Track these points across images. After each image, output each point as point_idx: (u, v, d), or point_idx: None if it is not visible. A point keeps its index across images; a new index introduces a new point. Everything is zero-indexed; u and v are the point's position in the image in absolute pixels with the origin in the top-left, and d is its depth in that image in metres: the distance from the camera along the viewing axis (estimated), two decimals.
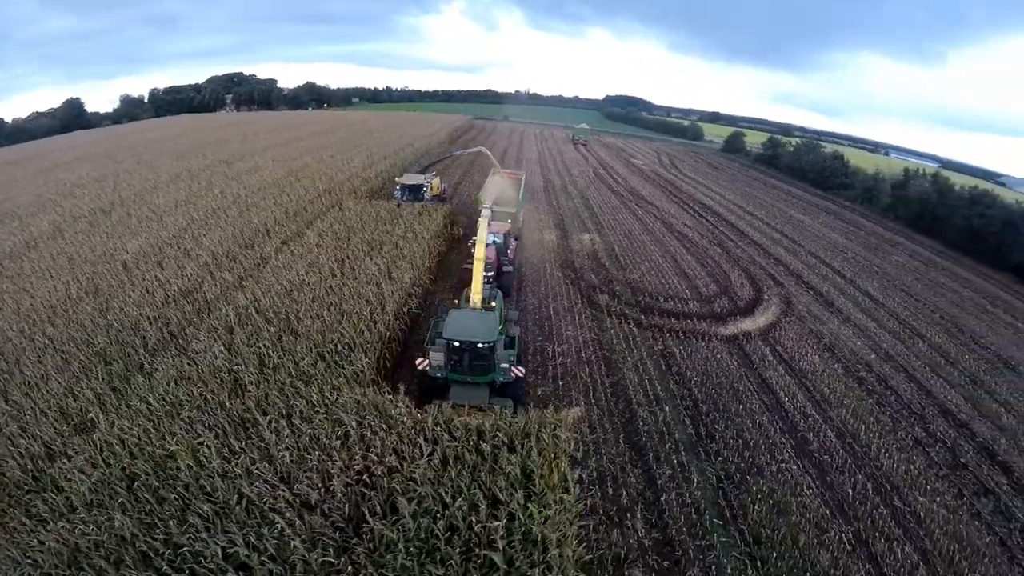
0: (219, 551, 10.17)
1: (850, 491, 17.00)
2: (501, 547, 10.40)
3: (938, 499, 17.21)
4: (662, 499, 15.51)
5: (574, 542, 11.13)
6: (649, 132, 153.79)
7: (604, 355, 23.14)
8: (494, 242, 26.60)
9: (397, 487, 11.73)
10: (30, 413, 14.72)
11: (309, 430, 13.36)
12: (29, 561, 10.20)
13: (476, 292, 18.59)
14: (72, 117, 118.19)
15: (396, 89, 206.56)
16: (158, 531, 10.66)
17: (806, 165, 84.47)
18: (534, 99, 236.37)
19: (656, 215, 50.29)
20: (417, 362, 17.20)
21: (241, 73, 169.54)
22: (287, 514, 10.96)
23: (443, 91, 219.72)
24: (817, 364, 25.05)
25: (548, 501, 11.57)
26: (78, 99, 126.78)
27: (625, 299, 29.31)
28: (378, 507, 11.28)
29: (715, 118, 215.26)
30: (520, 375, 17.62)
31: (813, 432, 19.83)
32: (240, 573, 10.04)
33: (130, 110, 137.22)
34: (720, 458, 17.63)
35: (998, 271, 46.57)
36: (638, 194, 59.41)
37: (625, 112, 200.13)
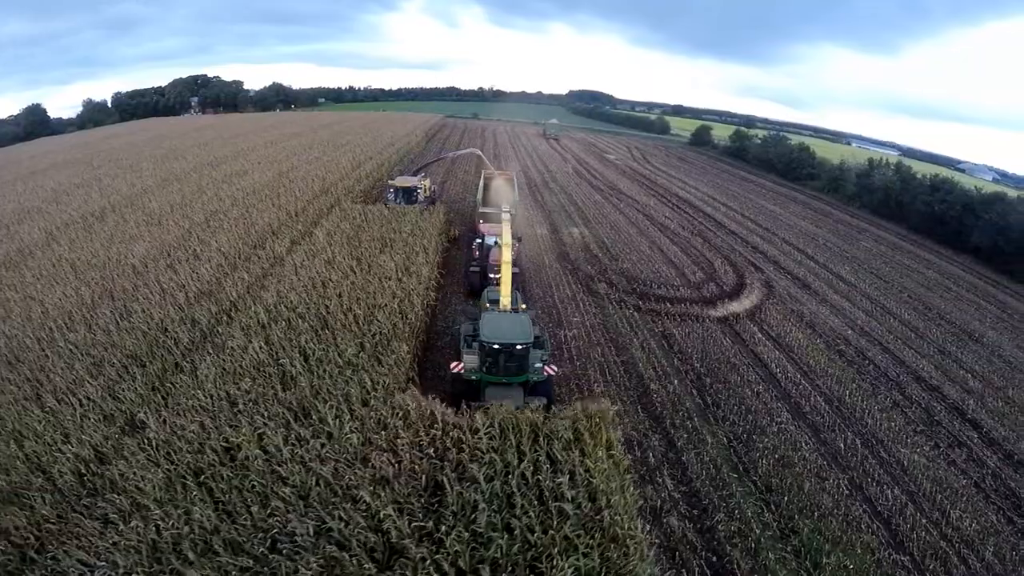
0: (310, 528, 11.20)
1: (842, 446, 19.51)
2: (569, 497, 12.27)
3: (918, 451, 19.85)
4: (683, 458, 17.71)
5: (630, 489, 13.15)
6: (616, 127, 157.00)
7: (611, 337, 25.29)
8: (498, 244, 26.90)
9: (465, 456, 13.40)
10: (70, 419, 14.80)
11: (372, 413, 14.78)
12: (104, 564, 10.50)
13: (506, 295, 19.44)
14: (35, 123, 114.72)
15: (359, 88, 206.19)
16: (243, 518, 11.48)
17: (773, 157, 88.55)
18: (498, 96, 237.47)
19: (637, 208, 52.87)
20: (452, 366, 17.89)
21: (205, 75, 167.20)
22: (368, 489, 12.18)
23: (407, 89, 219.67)
24: (801, 340, 27.70)
25: (600, 457, 13.56)
26: (39, 105, 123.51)
27: (621, 287, 31.55)
28: (452, 474, 12.77)
29: (679, 111, 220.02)
30: (553, 373, 18.45)
31: (804, 398, 22.35)
32: (336, 547, 10.87)
33: (94, 115, 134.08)
34: (727, 422, 19.94)
35: (959, 253, 50.77)
36: (617, 188, 62.00)
37: (591, 107, 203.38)
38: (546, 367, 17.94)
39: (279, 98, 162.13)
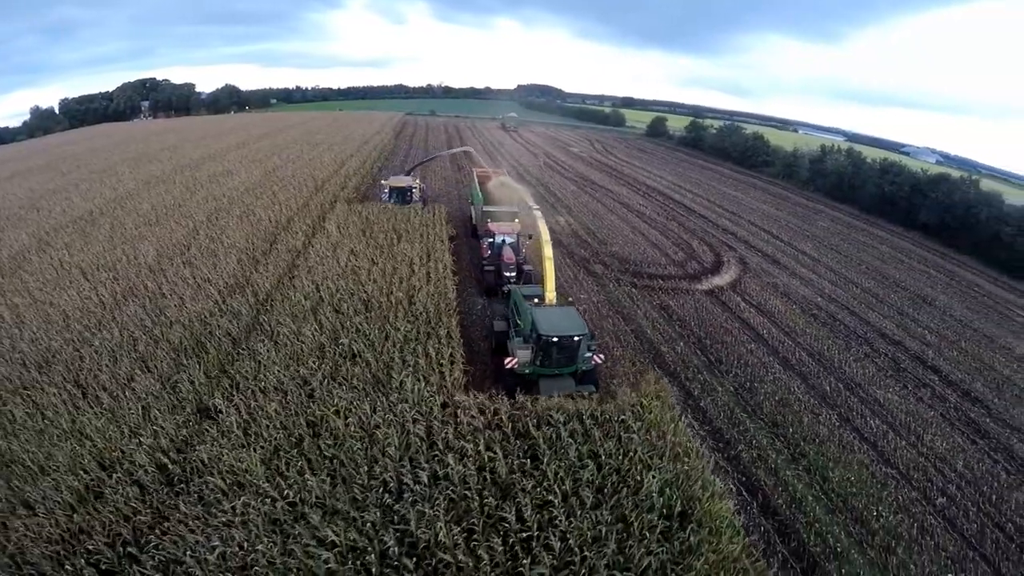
0: (425, 476, 12.95)
1: (828, 389, 23.09)
2: (635, 428, 15.20)
3: (890, 391, 23.61)
4: (701, 404, 20.82)
5: (681, 420, 16.24)
6: (572, 120, 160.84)
7: (617, 310, 28.31)
8: (508, 242, 28.59)
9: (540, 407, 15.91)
10: (133, 413, 15.19)
11: (445, 379, 16.99)
12: (219, 540, 11.12)
13: (550, 290, 20.66)
14: None
15: (307, 88, 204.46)
16: (357, 479, 12.74)
17: (729, 146, 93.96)
18: (448, 92, 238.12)
19: (612, 197, 56.38)
20: (506, 362, 18.70)
21: (154, 78, 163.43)
22: (467, 439, 14.22)
23: (355, 88, 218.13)
24: (780, 307, 31.47)
25: (650, 396, 16.61)
26: None
27: (615, 268, 34.69)
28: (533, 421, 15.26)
29: (628, 103, 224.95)
30: (600, 361, 19.57)
31: (790, 353, 25.94)
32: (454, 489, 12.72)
33: (43, 122, 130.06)
34: (731, 375, 23.26)
35: (909, 230, 56.60)
36: (589, 179, 65.42)
37: (545, 101, 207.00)
38: (595, 356, 19.16)
39: (232, 100, 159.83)
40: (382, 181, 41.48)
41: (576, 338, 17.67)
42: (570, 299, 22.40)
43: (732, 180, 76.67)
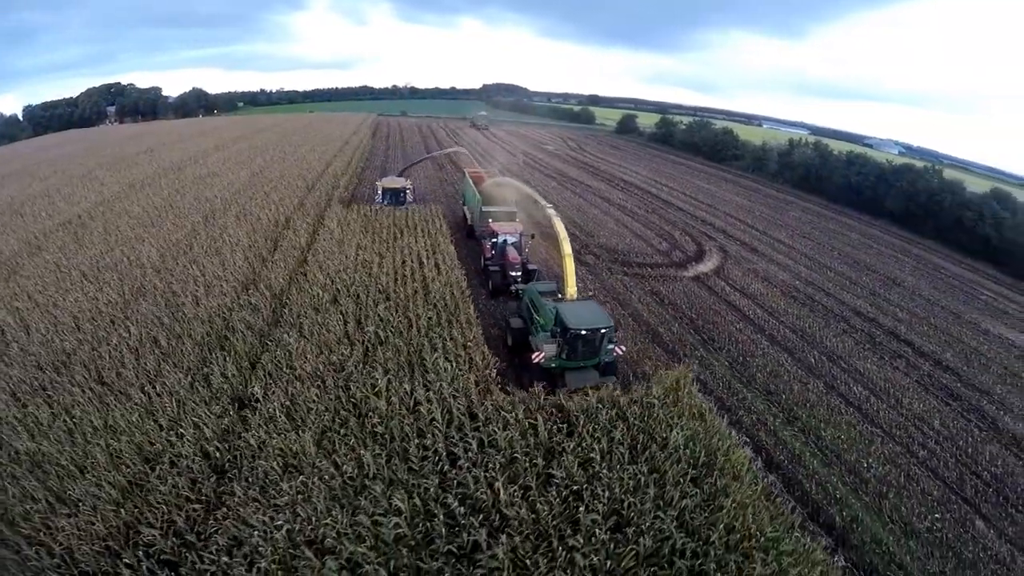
0: (474, 444, 14.11)
1: (812, 361, 25.03)
2: (656, 394, 16.79)
3: (869, 362, 25.68)
4: (701, 377, 22.28)
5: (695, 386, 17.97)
6: (541, 118, 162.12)
7: (613, 296, 29.85)
8: (511, 242, 28.90)
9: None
10: (168, 407, 15.49)
11: (476, 360, 18.30)
12: (282, 520, 11.57)
13: (571, 285, 21.22)
14: None
15: (272, 91, 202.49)
16: (411, 452, 13.69)
17: (699, 141, 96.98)
18: (414, 93, 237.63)
19: (592, 192, 58.16)
20: (533, 356, 19.10)
21: (119, 83, 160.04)
22: (509, 411, 15.44)
23: (321, 90, 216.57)
24: (761, 290, 33.48)
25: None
26: None
27: (605, 258, 36.28)
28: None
29: (594, 101, 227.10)
30: (622, 352, 20.37)
31: (775, 330, 27.86)
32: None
33: (7, 130, 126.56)
34: (724, 351, 25.00)
35: (876, 218, 60.02)
36: (567, 176, 67.14)
37: (514, 100, 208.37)
38: (616, 347, 19.86)
39: (200, 104, 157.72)
40: (376, 182, 41.74)
41: (603, 330, 18.40)
42: (590, 293, 23.43)
43: (704, 174, 79.34)
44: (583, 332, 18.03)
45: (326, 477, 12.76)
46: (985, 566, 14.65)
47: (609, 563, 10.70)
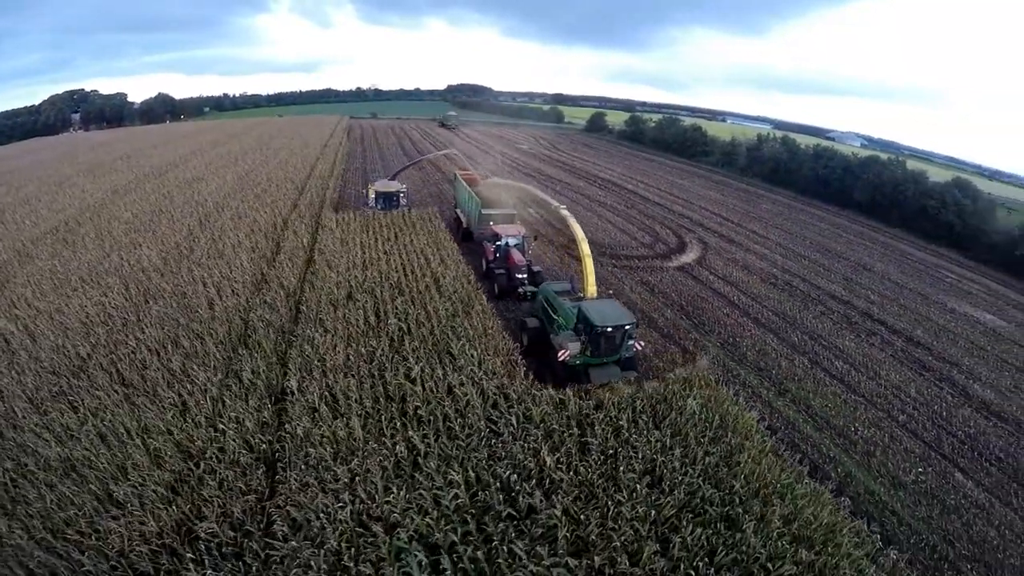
0: (513, 419, 15.41)
1: (796, 340, 26.94)
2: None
3: (847, 340, 27.73)
4: (698, 356, 24.22)
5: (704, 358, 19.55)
6: (509, 118, 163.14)
7: (607, 287, 31.31)
8: (513, 244, 29.09)
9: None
10: (204, 405, 15.94)
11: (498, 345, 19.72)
12: (345, 499, 12.46)
13: (591, 284, 22.07)
14: None
15: (236, 95, 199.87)
16: (455, 429, 14.94)
17: (669, 138, 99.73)
18: (379, 95, 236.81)
19: (572, 190, 59.81)
20: (559, 355, 19.36)
21: (83, 90, 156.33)
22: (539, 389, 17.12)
23: (285, 93, 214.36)
24: (742, 277, 35.42)
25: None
26: None
27: (593, 252, 37.49)
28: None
29: (559, 100, 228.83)
30: (640, 348, 20.94)
31: (759, 314, 29.76)
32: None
33: None
34: (715, 333, 26.74)
35: (844, 208, 63.33)
36: (546, 174, 68.68)
37: (481, 101, 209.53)
38: (635, 343, 20.49)
39: (166, 109, 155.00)
40: (368, 186, 41.58)
41: (627, 327, 19.04)
42: (610, 292, 24.54)
43: (676, 170, 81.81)
44: (608, 329, 18.58)
45: (379, 459, 13.70)
46: (967, 511, 16.58)
47: (653, 513, 12.17)
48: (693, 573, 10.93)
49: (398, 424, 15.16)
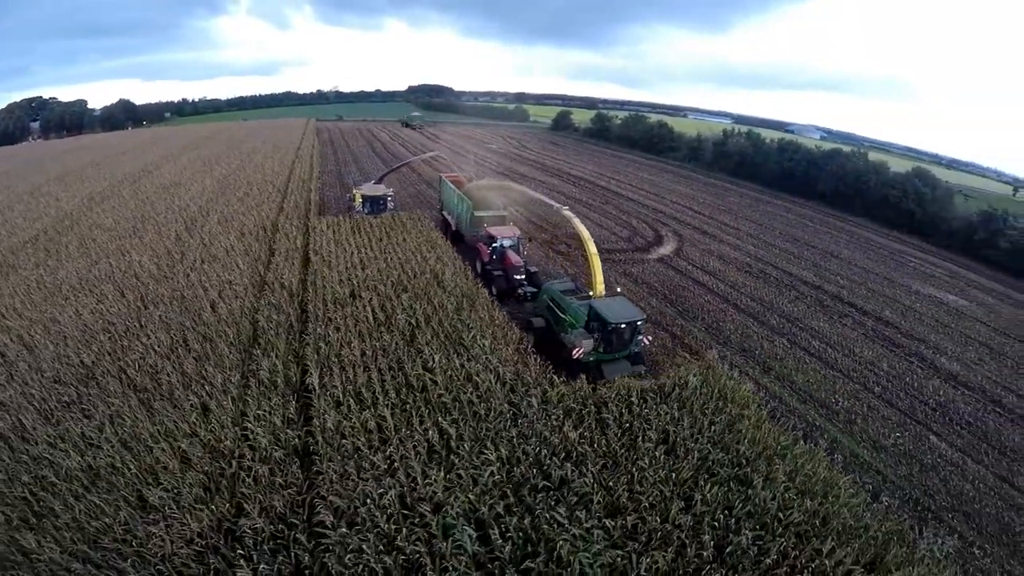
0: (534, 401, 16.49)
1: (775, 323, 28.73)
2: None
3: (821, 321, 29.67)
4: (685, 341, 25.59)
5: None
6: (476, 117, 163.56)
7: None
8: (509, 246, 29.54)
9: None
10: (227, 405, 16.24)
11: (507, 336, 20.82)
12: (388, 484, 13.05)
13: (599, 282, 22.76)
14: None
15: (196, 100, 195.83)
16: (480, 413, 15.90)
17: (635, 134, 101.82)
18: (340, 97, 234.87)
19: (548, 187, 60.68)
20: (573, 353, 19.90)
21: (41, 97, 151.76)
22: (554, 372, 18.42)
23: (245, 97, 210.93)
24: (719, 267, 37.19)
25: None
26: None
27: (576, 247, 39.10)
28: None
29: (522, 98, 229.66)
30: (648, 343, 21.75)
31: (739, 300, 31.51)
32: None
33: None
34: (699, 319, 28.27)
35: (808, 199, 66.50)
36: (519, 172, 69.74)
37: (445, 101, 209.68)
38: (644, 337, 21.29)
39: (128, 116, 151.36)
40: (353, 190, 41.24)
41: (639, 322, 20.06)
42: (619, 289, 25.42)
43: (644, 166, 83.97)
44: (622, 325, 19.45)
45: (413, 444, 14.48)
46: (943, 469, 18.45)
47: (673, 476, 13.52)
48: (717, 524, 12.26)
49: (425, 412, 15.93)
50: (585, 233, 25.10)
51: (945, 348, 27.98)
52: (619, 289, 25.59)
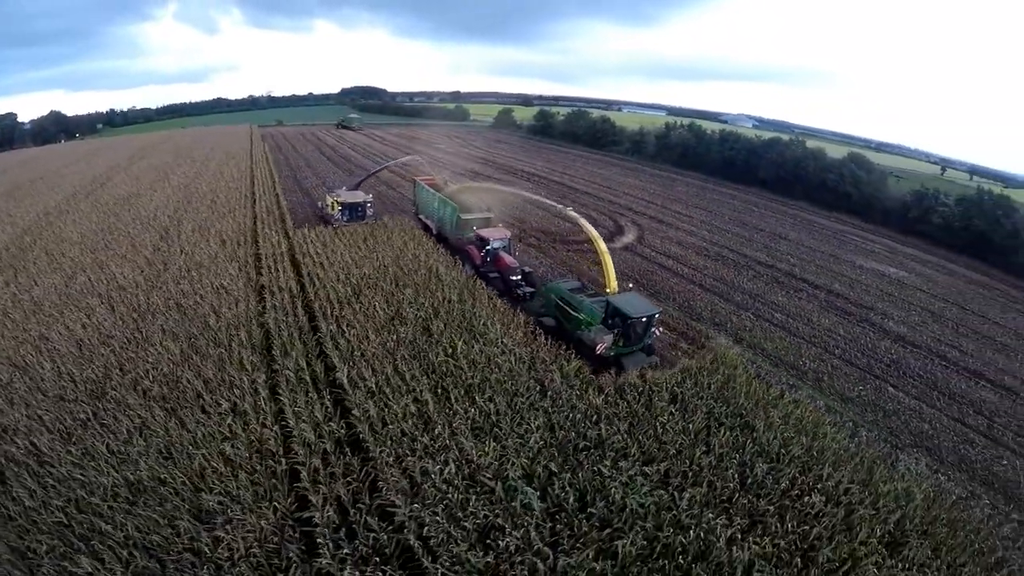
0: (557, 377, 18.39)
1: (739, 299, 31.60)
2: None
3: (779, 296, 32.79)
4: (665, 319, 27.88)
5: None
6: (412, 118, 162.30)
7: (568, 267, 34.76)
8: (502, 247, 30.02)
9: None
10: (260, 403, 16.86)
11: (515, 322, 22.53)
12: (444, 458, 14.19)
13: (612, 279, 23.79)
14: None
15: (124, 110, 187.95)
16: (509, 389, 18.07)
17: (578, 130, 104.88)
18: (273, 102, 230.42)
19: (505, 185, 62.75)
20: (596, 349, 20.59)
21: None
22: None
23: (177, 105, 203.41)
24: (680, 252, 39.99)
25: None
26: None
27: (545, 240, 41.16)
28: None
29: (457, 98, 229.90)
30: (659, 334, 22.69)
31: (703, 281, 34.33)
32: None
33: None
34: (671, 300, 30.79)
35: (750, 187, 71.16)
36: (473, 171, 70.66)
37: (383, 103, 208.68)
38: (655, 329, 22.18)
39: (60, 128, 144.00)
40: (328, 198, 40.03)
41: (656, 315, 21.36)
42: (630, 284, 26.95)
43: (591, 160, 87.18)
44: (643, 319, 20.63)
45: (458, 422, 15.82)
46: (903, 413, 21.50)
47: (690, 427, 15.81)
48: (734, 462, 14.58)
49: (459, 393, 17.27)
50: (593, 232, 26.21)
51: (892, 314, 31.45)
52: (631, 285, 27.26)
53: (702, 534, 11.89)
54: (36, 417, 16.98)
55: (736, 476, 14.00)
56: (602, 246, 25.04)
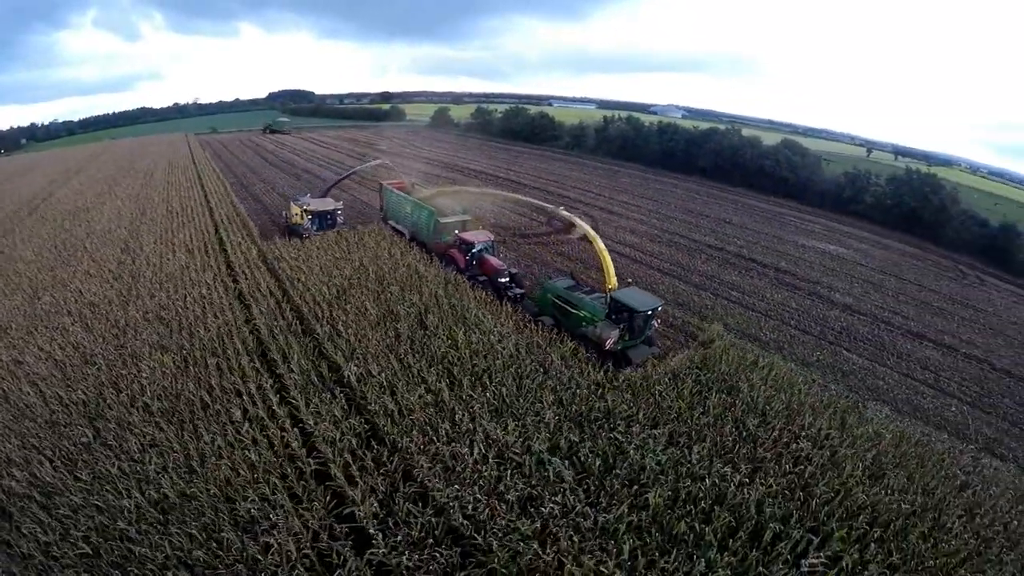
0: (558, 358, 19.85)
1: (697, 281, 34.09)
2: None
3: (732, 275, 35.27)
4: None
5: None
6: (345, 120, 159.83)
7: (534, 259, 36.05)
8: (485, 248, 30.00)
9: None
10: (275, 407, 17.14)
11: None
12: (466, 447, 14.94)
13: (612, 276, 23.99)
14: None
15: (44, 124, 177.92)
16: (517, 369, 19.38)
17: (517, 126, 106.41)
18: (200, 109, 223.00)
19: (454, 183, 63.62)
20: (606, 345, 21.04)
21: None
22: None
23: (101, 116, 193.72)
24: (635, 240, 42.09)
25: None
26: None
27: (506, 234, 42.24)
28: None
29: (386, 98, 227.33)
30: (656, 326, 23.40)
31: (660, 266, 36.47)
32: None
33: None
34: (639, 283, 32.37)
35: (690, 176, 74.52)
36: (420, 171, 71.41)
37: (314, 105, 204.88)
38: (654, 321, 22.96)
39: None
40: (294, 208, 37.59)
41: (660, 308, 22.33)
42: (629, 280, 28.29)
43: (532, 156, 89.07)
44: (649, 313, 21.32)
45: (476, 406, 16.79)
46: (859, 373, 24.07)
47: (684, 392, 17.69)
48: (728, 421, 16.41)
49: (468, 380, 18.21)
50: (590, 231, 27.08)
51: (836, 287, 34.39)
52: (630, 280, 28.80)
53: (716, 481, 13.61)
54: (31, 446, 16.22)
55: (733, 431, 15.87)
56: (600, 244, 25.54)
